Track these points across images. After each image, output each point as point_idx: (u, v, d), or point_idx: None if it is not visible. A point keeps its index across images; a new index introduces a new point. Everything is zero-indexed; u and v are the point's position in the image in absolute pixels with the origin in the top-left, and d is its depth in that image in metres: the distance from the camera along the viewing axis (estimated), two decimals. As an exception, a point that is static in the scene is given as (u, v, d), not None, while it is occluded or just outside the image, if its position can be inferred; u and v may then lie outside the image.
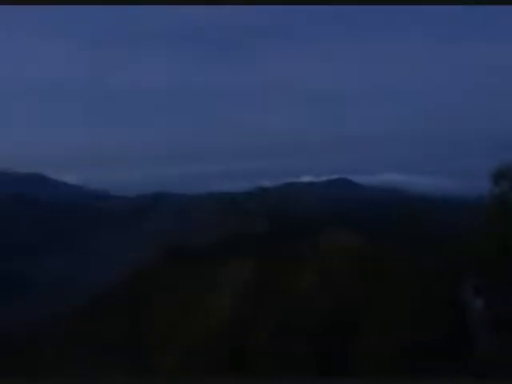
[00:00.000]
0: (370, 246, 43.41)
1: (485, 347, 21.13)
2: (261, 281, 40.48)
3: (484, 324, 22.90)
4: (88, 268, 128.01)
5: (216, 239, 64.30)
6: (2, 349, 46.18)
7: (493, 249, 27.78)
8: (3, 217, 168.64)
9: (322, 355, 26.75)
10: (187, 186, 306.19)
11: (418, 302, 24.77)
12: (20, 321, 70.44)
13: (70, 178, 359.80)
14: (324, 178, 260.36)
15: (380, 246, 44.90)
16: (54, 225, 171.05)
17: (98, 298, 60.32)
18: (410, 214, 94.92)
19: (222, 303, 38.30)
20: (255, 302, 35.23)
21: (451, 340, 21.13)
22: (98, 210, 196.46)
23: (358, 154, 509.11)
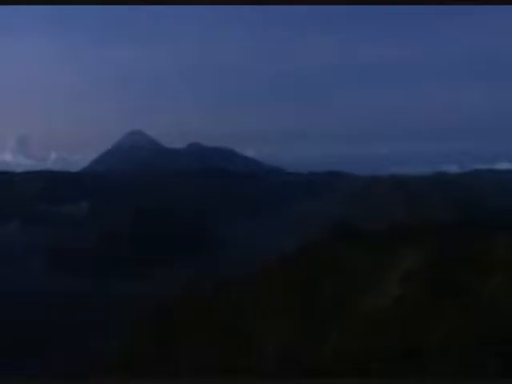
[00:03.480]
0: None
1: None
2: (435, 276, 36.99)
3: None
4: (263, 237, 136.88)
5: (390, 224, 61.14)
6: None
7: None
8: (194, 186, 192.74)
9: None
10: (366, 166, 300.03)
11: None
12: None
13: (254, 152, 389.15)
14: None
15: None
16: (236, 195, 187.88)
17: (270, 266, 63.51)
18: None
19: (390, 294, 36.32)
20: (428, 298, 32.42)
21: None
22: (275, 183, 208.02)
23: None
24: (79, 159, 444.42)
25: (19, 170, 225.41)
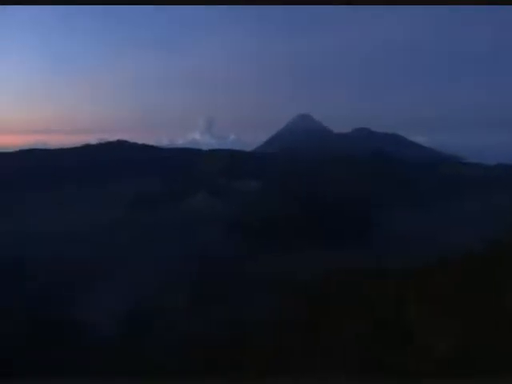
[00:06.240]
0: None
1: None
2: None
3: None
4: (430, 230, 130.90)
5: None
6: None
7: None
8: (362, 172, 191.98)
9: None
10: None
11: None
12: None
13: (425, 139, 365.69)
14: None
15: None
16: (403, 182, 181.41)
17: (439, 261, 62.07)
18: None
19: None
20: None
21: None
22: (446, 173, 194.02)
23: None
24: (253, 140, 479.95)
25: (206, 148, 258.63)
